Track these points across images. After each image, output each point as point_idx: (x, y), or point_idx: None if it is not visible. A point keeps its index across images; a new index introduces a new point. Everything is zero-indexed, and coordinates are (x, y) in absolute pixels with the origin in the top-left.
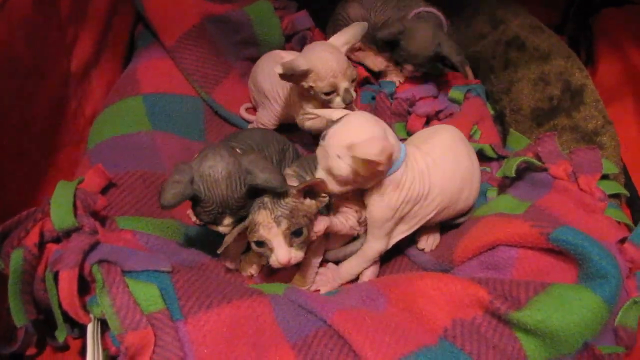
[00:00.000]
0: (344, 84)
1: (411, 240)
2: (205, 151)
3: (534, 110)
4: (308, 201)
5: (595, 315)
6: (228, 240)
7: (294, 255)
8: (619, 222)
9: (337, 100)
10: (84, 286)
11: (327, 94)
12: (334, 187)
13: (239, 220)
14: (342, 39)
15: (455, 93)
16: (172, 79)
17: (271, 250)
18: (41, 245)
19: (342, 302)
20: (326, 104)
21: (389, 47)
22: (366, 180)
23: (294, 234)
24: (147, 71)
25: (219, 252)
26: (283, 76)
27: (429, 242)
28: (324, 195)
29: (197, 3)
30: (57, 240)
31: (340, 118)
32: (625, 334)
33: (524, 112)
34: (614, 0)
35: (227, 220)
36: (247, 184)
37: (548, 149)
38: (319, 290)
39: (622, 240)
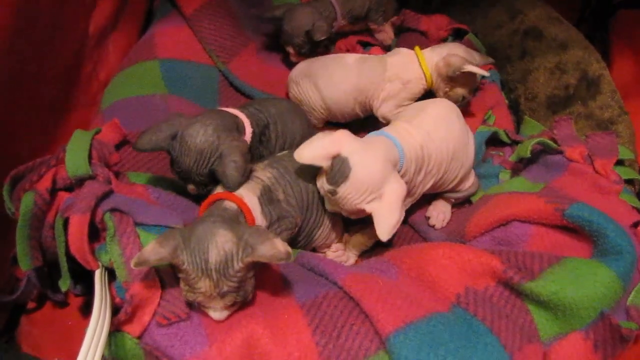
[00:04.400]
0: None
1: (421, 216)
2: (200, 116)
3: (550, 97)
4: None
5: (609, 290)
6: (144, 260)
7: (229, 313)
8: (633, 207)
9: None
10: (92, 234)
11: None
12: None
13: (204, 189)
14: None
15: None
16: (190, 46)
17: (205, 307)
18: (53, 191)
19: (354, 268)
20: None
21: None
22: None
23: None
24: (164, 38)
25: (132, 265)
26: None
27: (439, 219)
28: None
29: None
30: (69, 188)
31: (340, 165)
32: (638, 313)
33: (539, 100)
34: (632, 1)
35: (191, 186)
36: (212, 168)
37: (564, 132)
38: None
39: (636, 224)
